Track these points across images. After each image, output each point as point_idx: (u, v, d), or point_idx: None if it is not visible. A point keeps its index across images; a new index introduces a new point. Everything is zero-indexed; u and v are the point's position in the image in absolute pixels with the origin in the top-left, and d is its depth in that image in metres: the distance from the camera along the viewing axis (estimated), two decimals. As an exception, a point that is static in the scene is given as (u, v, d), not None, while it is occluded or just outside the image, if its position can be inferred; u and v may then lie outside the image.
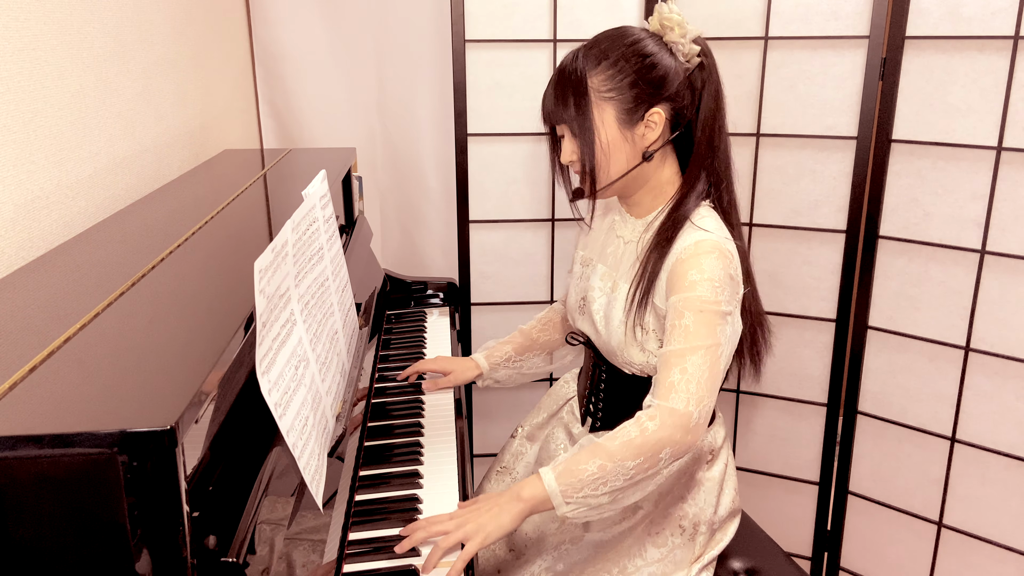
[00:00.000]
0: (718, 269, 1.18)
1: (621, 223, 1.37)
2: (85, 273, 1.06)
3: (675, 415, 1.15)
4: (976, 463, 1.82)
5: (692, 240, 1.21)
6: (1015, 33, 1.62)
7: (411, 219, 2.48)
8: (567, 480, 1.14)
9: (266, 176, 1.66)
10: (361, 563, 1.09)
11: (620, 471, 1.14)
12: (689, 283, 1.18)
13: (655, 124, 1.24)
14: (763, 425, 2.11)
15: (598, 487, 1.14)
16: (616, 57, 1.22)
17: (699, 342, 1.17)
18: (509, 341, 1.61)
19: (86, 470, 0.69)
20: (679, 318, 1.19)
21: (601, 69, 1.22)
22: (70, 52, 1.35)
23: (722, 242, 1.21)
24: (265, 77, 2.34)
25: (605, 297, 1.34)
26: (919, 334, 1.85)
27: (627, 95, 1.22)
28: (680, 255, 1.21)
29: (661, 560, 1.33)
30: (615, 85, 1.22)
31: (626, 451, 1.14)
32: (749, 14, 1.89)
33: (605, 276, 1.36)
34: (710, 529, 1.37)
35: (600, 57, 1.23)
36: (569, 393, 1.55)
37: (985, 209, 1.72)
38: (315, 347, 1.12)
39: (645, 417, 1.16)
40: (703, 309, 1.17)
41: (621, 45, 1.23)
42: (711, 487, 1.36)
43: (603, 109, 1.23)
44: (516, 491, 1.14)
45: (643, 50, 1.23)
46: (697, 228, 1.23)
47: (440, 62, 2.28)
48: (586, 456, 1.15)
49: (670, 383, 1.17)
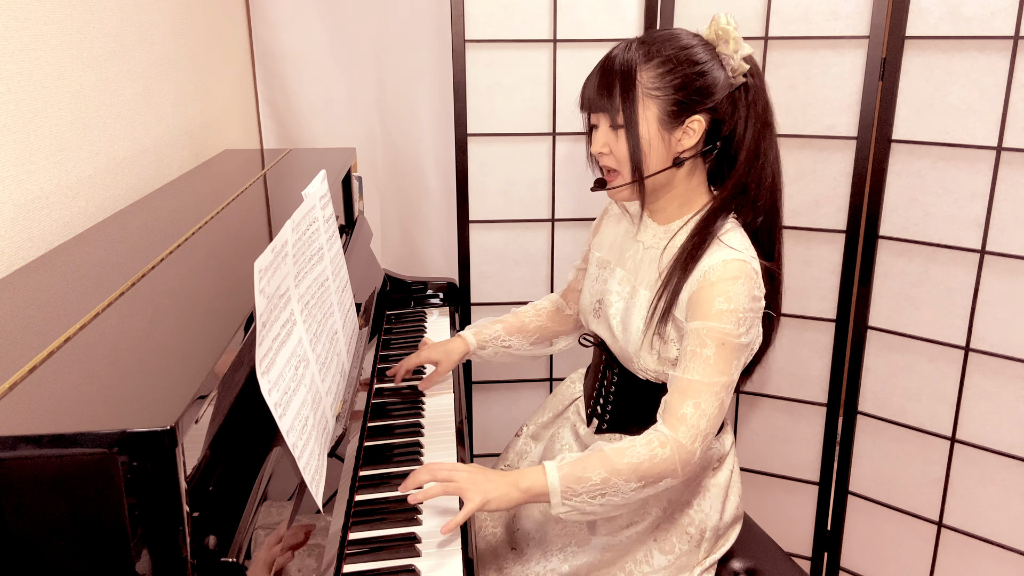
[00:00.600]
0: (744, 297, 1.18)
1: (644, 228, 1.36)
2: (85, 273, 1.06)
3: (682, 450, 1.17)
4: (976, 463, 1.82)
5: (719, 259, 1.20)
6: (1015, 33, 1.62)
7: (411, 219, 2.48)
8: (569, 483, 1.15)
9: (266, 176, 1.66)
10: (361, 563, 1.09)
11: (621, 489, 1.16)
12: (716, 312, 1.18)
13: (693, 131, 1.23)
14: (763, 425, 2.11)
15: (596, 496, 1.16)
16: (668, 57, 1.22)
17: (716, 378, 1.18)
18: (500, 320, 1.60)
19: (86, 470, 0.69)
20: (701, 346, 1.19)
21: (652, 66, 1.21)
22: (70, 52, 1.35)
23: (749, 262, 1.20)
24: (265, 77, 2.34)
25: (623, 302, 1.33)
26: (919, 334, 1.85)
27: (672, 97, 1.21)
28: (708, 275, 1.20)
29: (667, 567, 1.33)
30: (663, 84, 1.21)
31: (632, 473, 1.16)
32: (749, 14, 1.89)
33: (624, 281, 1.35)
34: (715, 535, 1.37)
35: (652, 54, 1.22)
36: (575, 393, 1.54)
37: (985, 209, 1.72)
38: (315, 347, 1.12)
39: (657, 443, 1.17)
40: (725, 343, 1.18)
41: (675, 47, 1.22)
42: (717, 493, 1.36)
43: (647, 106, 1.21)
44: (516, 480, 1.16)
45: (695, 56, 1.22)
46: (724, 246, 1.22)
47: (440, 62, 2.28)
48: (594, 465, 1.16)
49: (682, 415, 1.18)
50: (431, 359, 1.55)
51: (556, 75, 2.01)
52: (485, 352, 1.57)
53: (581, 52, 2.00)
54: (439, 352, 1.55)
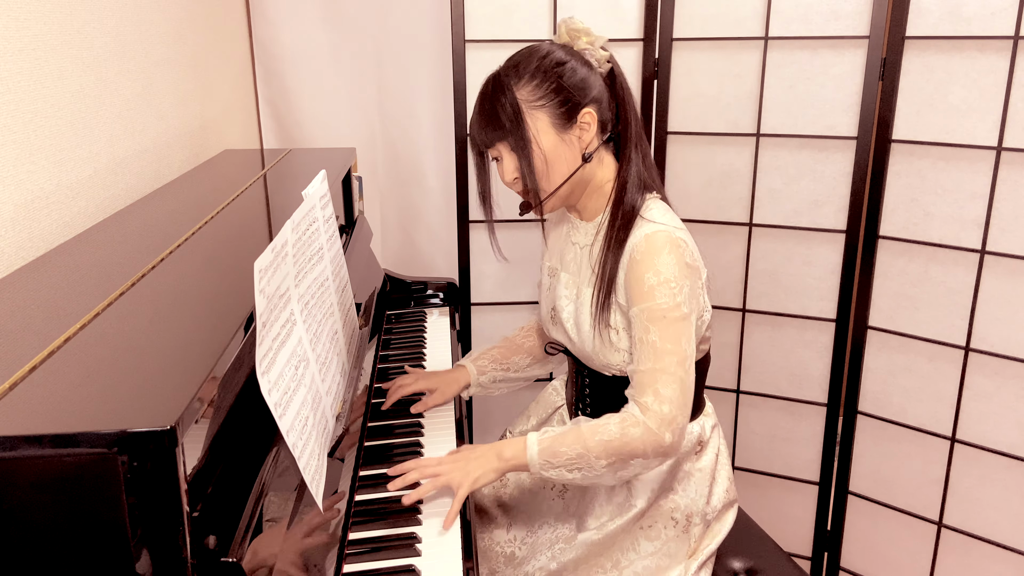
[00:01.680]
0: (672, 265, 1.21)
1: (574, 229, 1.39)
2: (85, 273, 1.06)
3: (651, 433, 1.20)
4: (976, 463, 1.82)
5: (642, 235, 1.23)
6: (1015, 33, 1.62)
7: (411, 219, 2.48)
8: (547, 456, 1.22)
9: (266, 176, 1.66)
10: (361, 563, 1.09)
11: (593, 465, 1.21)
12: (648, 289, 1.21)
13: (588, 124, 1.28)
14: (763, 425, 2.11)
15: (572, 469, 1.22)
16: (535, 69, 1.26)
17: (667, 359, 1.20)
18: (495, 346, 1.59)
19: (86, 470, 0.69)
20: (645, 333, 1.22)
21: (525, 82, 1.25)
22: (70, 52, 1.35)
23: (672, 231, 1.23)
24: (265, 77, 2.34)
25: (572, 304, 1.36)
26: (919, 334, 1.85)
27: (556, 100, 1.25)
28: (634, 254, 1.23)
29: (655, 553, 1.33)
30: (543, 93, 1.25)
31: (602, 450, 1.20)
32: (749, 14, 1.89)
33: (569, 284, 1.38)
34: (704, 521, 1.37)
35: (520, 73, 1.26)
36: (558, 402, 1.56)
37: (985, 209, 1.72)
38: (315, 347, 1.12)
39: (630, 423, 1.20)
40: (665, 318, 1.20)
41: (536, 59, 1.26)
42: (702, 478, 1.36)
43: (536, 118, 1.26)
44: (499, 450, 1.23)
45: (558, 59, 1.26)
46: (646, 221, 1.25)
47: (440, 62, 2.28)
48: (570, 440, 1.22)
49: (644, 404, 1.21)
50: (430, 386, 1.51)
51: (556, 75, 2.01)
52: (485, 378, 1.55)
53: (581, 52, 2.00)
54: (435, 380, 1.52)
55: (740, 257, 2.03)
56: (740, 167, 1.98)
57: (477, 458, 1.22)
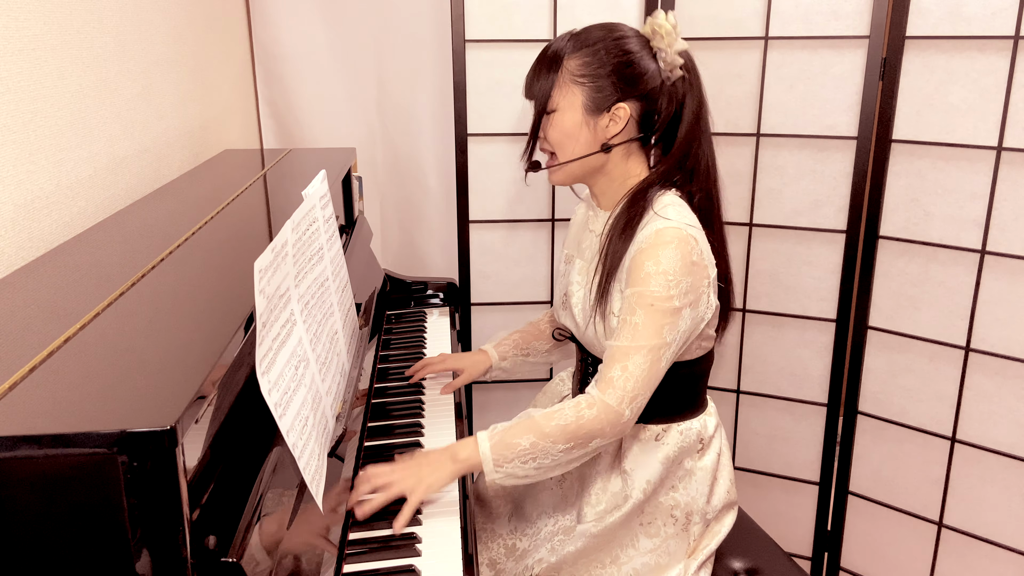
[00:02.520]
0: (675, 260, 1.21)
1: (593, 217, 1.41)
2: (85, 273, 1.06)
3: (609, 411, 1.20)
4: (976, 463, 1.82)
5: (653, 230, 1.23)
6: (1015, 33, 1.62)
7: (411, 219, 2.48)
8: (500, 451, 1.21)
9: (266, 176, 1.66)
10: (361, 563, 1.09)
11: (550, 451, 1.21)
12: (644, 275, 1.21)
13: (619, 119, 1.28)
14: (763, 425, 2.11)
15: (527, 461, 1.21)
16: (598, 47, 1.27)
17: (644, 342, 1.21)
18: (518, 331, 1.64)
19: (86, 470, 0.69)
20: (630, 314, 1.22)
21: (580, 55, 1.27)
22: (70, 52, 1.35)
23: (683, 228, 1.23)
24: (265, 77, 2.34)
25: (583, 291, 1.38)
26: (919, 334, 1.85)
27: (597, 84, 1.26)
28: (641, 244, 1.24)
29: (654, 550, 1.33)
30: (588, 72, 1.26)
31: (559, 434, 1.20)
32: (749, 14, 1.89)
33: (582, 270, 1.40)
34: (704, 520, 1.37)
35: (583, 43, 1.28)
36: (564, 391, 1.56)
37: (985, 209, 1.72)
38: (315, 347, 1.12)
39: (584, 404, 1.21)
40: (653, 305, 1.21)
41: (606, 37, 1.27)
42: (703, 476, 1.36)
43: (572, 92, 1.27)
44: (453, 452, 1.22)
45: (625, 46, 1.27)
46: (658, 217, 1.25)
47: (440, 62, 2.28)
48: (521, 431, 1.21)
49: (610, 378, 1.22)
50: (457, 367, 1.58)
51: (556, 75, 2.01)
52: (506, 363, 1.61)
53: (581, 52, 2.00)
54: (463, 361, 1.59)
55: (740, 257, 2.03)
56: (740, 167, 1.98)
57: (431, 463, 1.21)
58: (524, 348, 1.61)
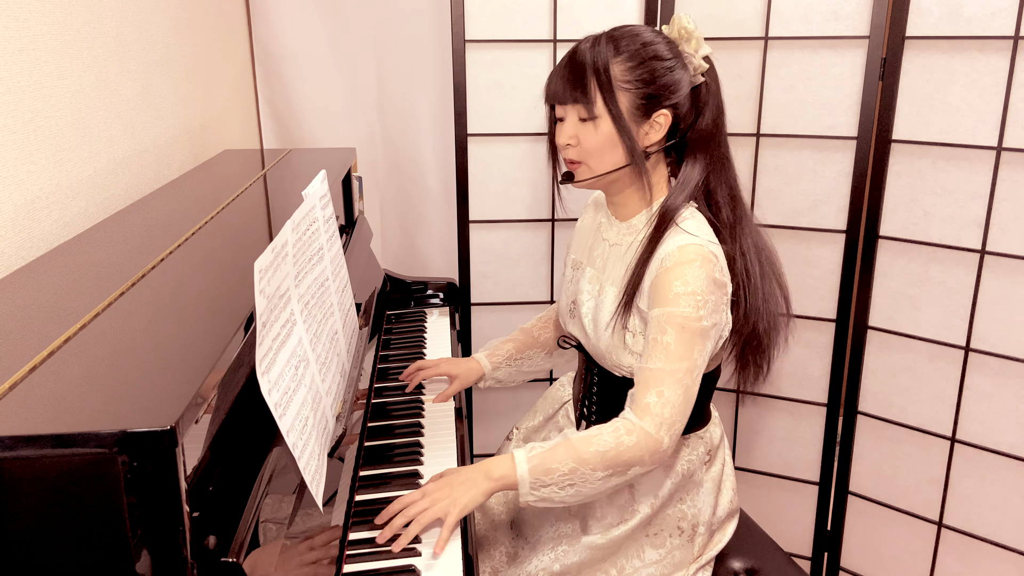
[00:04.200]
0: (702, 279, 1.19)
1: (607, 225, 1.38)
2: (85, 273, 1.06)
3: (649, 439, 1.18)
4: (976, 463, 1.82)
5: (676, 245, 1.21)
6: (1015, 33, 1.62)
7: (411, 219, 2.48)
8: (538, 474, 1.17)
9: (266, 176, 1.66)
10: (361, 563, 1.09)
11: (589, 478, 1.17)
12: (673, 296, 1.19)
13: (660, 125, 1.26)
14: (763, 425, 2.11)
15: (565, 487, 1.18)
16: (634, 52, 1.24)
17: (677, 364, 1.19)
18: (511, 339, 1.61)
19: (86, 470, 0.69)
20: (661, 333, 1.20)
21: (622, 60, 1.23)
22: (70, 52, 1.35)
23: (705, 246, 1.21)
24: (265, 77, 2.34)
25: (593, 300, 1.35)
26: (919, 334, 1.85)
27: (642, 91, 1.23)
28: (664, 261, 1.21)
29: (659, 561, 1.33)
30: (633, 78, 1.23)
31: (598, 461, 1.17)
32: (749, 14, 1.89)
33: (593, 279, 1.37)
34: (709, 530, 1.37)
35: (620, 49, 1.24)
36: (565, 396, 1.55)
37: (985, 209, 1.72)
38: (315, 347, 1.12)
39: (623, 431, 1.18)
40: (684, 327, 1.19)
41: (641, 42, 1.24)
42: (710, 488, 1.36)
43: (618, 98, 1.23)
44: (487, 469, 1.18)
45: (659, 53, 1.24)
46: (681, 231, 1.23)
47: (440, 62, 2.27)
48: (561, 455, 1.18)
49: (646, 404, 1.19)
50: (450, 372, 1.56)
51: (556, 75, 2.01)
52: (499, 373, 1.58)
53: (581, 52, 2.00)
54: (457, 366, 1.56)
55: (740, 257, 2.03)
56: (740, 167, 1.97)
57: (463, 482, 1.17)
58: (518, 358, 1.59)
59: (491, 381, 1.59)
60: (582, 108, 1.24)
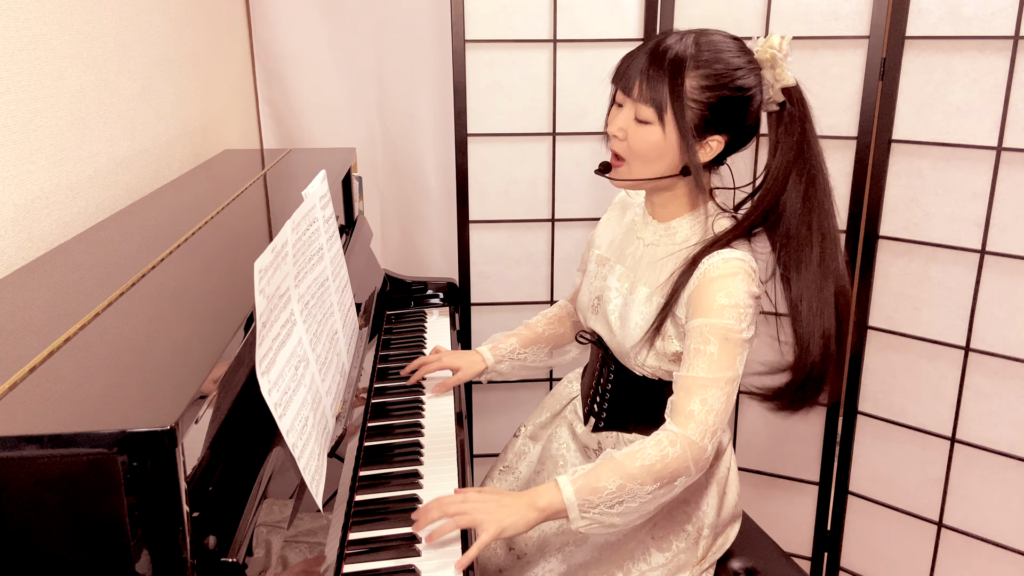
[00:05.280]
0: (744, 292, 1.19)
1: (642, 225, 1.37)
2: (85, 273, 1.06)
3: (693, 447, 1.16)
4: (976, 463, 1.82)
5: (720, 257, 1.21)
6: (1015, 33, 1.62)
7: (411, 219, 2.48)
8: (585, 495, 1.14)
9: (266, 176, 1.66)
10: (361, 563, 1.09)
11: (638, 494, 1.15)
12: (718, 307, 1.18)
13: (711, 149, 1.24)
14: (763, 425, 2.11)
15: (614, 506, 1.14)
16: (718, 73, 1.19)
17: (722, 373, 1.18)
18: (515, 334, 1.60)
19: (86, 470, 0.69)
20: (705, 343, 1.19)
21: (698, 75, 1.19)
22: (70, 52, 1.35)
23: (747, 260, 1.22)
24: (265, 77, 2.34)
25: (622, 298, 1.34)
26: (919, 334, 1.85)
27: (706, 112, 1.20)
28: (708, 272, 1.21)
29: (665, 565, 1.33)
30: (701, 97, 1.19)
31: (646, 475, 1.14)
32: (749, 14, 1.89)
33: (623, 277, 1.36)
34: (713, 533, 1.37)
35: (702, 63, 1.19)
36: (572, 393, 1.54)
37: (985, 209, 1.72)
38: (315, 347, 1.12)
39: (667, 441, 1.16)
40: (728, 338, 1.18)
41: (722, 64, 1.19)
42: (715, 491, 1.36)
43: (682, 110, 1.20)
44: (532, 499, 1.14)
45: (740, 80, 1.20)
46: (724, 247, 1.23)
47: (440, 62, 2.28)
48: (607, 473, 1.15)
49: (690, 411, 1.17)
50: (452, 365, 1.55)
51: (556, 75, 2.01)
52: (502, 367, 1.57)
53: (581, 52, 2.00)
54: (460, 359, 1.55)
55: (740, 257, 2.03)
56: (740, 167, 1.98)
57: (508, 505, 1.13)
58: (521, 353, 1.57)
59: (493, 373, 1.57)
60: (643, 108, 1.21)
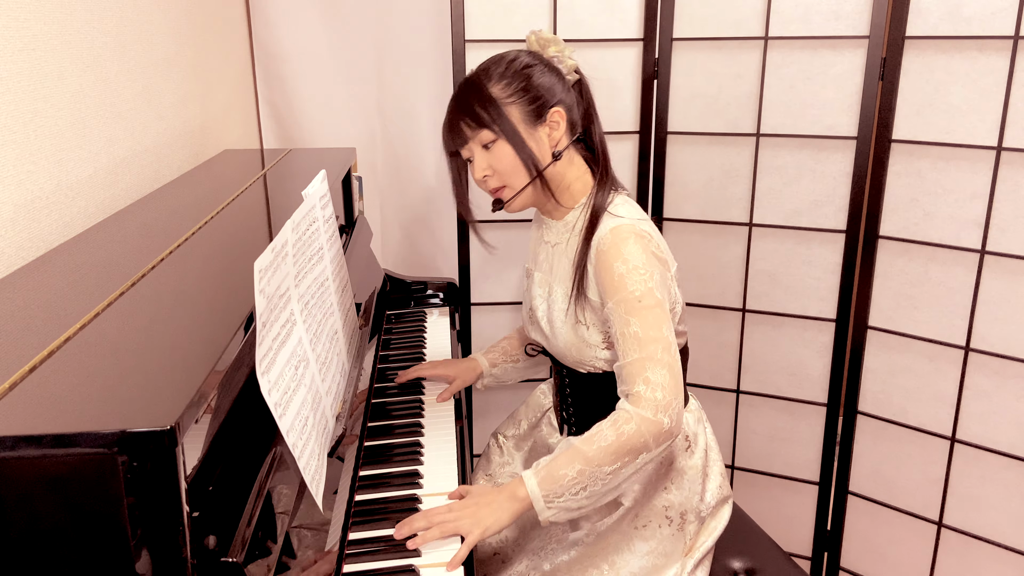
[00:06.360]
0: (639, 254, 1.23)
1: (547, 228, 1.42)
2: (85, 273, 1.06)
3: (648, 423, 1.18)
4: (976, 463, 1.82)
5: (607, 228, 1.26)
6: (1015, 33, 1.62)
7: (411, 219, 2.48)
8: (548, 486, 1.17)
9: (266, 176, 1.66)
10: (361, 563, 1.09)
11: (598, 475, 1.17)
12: (618, 278, 1.22)
13: (557, 123, 1.32)
14: (763, 425, 2.11)
15: (577, 491, 1.17)
16: (503, 71, 1.31)
17: (651, 348, 1.20)
18: (507, 338, 1.65)
19: (86, 470, 0.69)
20: (626, 326, 1.22)
21: (495, 81, 1.30)
22: (70, 52, 1.35)
23: (636, 223, 1.26)
24: (265, 77, 2.34)
25: (545, 303, 1.39)
26: (919, 334, 1.85)
27: (525, 97, 1.30)
28: (600, 246, 1.26)
29: (650, 552, 1.33)
30: (512, 91, 1.30)
31: (603, 456, 1.17)
32: (749, 14, 1.89)
33: (542, 283, 1.41)
34: (699, 518, 1.37)
35: (490, 75, 1.32)
36: (547, 404, 1.57)
37: (985, 209, 1.72)
38: (315, 347, 1.12)
39: (622, 420, 1.18)
40: (641, 304, 1.21)
41: (504, 62, 1.32)
42: (694, 475, 1.36)
43: (508, 113, 1.29)
44: (511, 490, 1.18)
45: (525, 62, 1.32)
46: (611, 215, 1.28)
47: (440, 62, 2.28)
48: (565, 461, 1.18)
49: (636, 394, 1.20)
50: (448, 374, 1.59)
51: (556, 75, 2.01)
52: (496, 370, 1.62)
53: (581, 52, 2.00)
54: (456, 368, 1.59)
55: (740, 257, 2.03)
56: (740, 167, 1.98)
57: (488, 503, 1.18)
58: (513, 355, 1.62)
59: (489, 379, 1.62)
60: (482, 134, 1.30)
